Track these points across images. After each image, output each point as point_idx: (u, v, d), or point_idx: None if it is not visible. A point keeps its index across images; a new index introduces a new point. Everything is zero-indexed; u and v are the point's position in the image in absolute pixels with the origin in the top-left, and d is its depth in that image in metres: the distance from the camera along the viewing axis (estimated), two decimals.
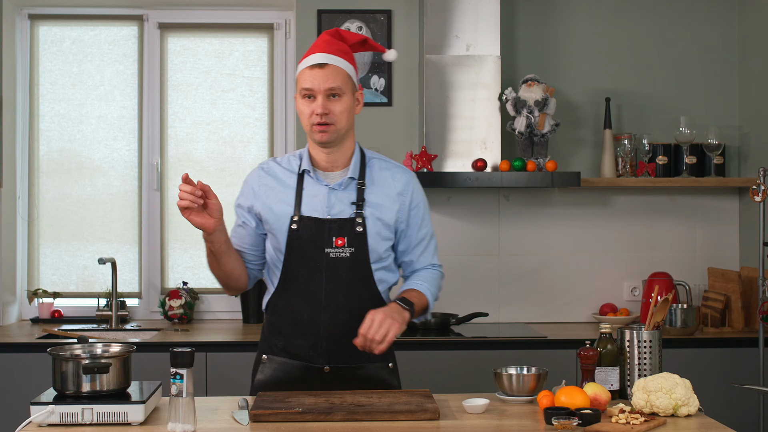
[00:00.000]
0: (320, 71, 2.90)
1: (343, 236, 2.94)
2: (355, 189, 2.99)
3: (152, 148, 5.12)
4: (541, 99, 4.67)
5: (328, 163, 3.00)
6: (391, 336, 2.81)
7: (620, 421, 2.56)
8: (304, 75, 2.93)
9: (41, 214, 5.11)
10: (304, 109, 2.93)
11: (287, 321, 2.99)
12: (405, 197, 3.04)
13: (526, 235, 5.00)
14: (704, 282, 4.98)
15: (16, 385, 4.23)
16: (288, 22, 5.12)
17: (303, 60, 2.96)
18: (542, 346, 4.39)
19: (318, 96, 2.90)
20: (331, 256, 2.94)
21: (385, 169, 3.06)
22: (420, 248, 3.12)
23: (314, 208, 2.96)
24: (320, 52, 2.93)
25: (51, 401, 2.55)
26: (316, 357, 2.97)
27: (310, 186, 2.99)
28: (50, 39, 5.13)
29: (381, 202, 3.00)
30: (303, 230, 2.94)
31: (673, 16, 5.05)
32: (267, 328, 3.09)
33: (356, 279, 2.96)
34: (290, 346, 3.00)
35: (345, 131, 2.96)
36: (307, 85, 2.91)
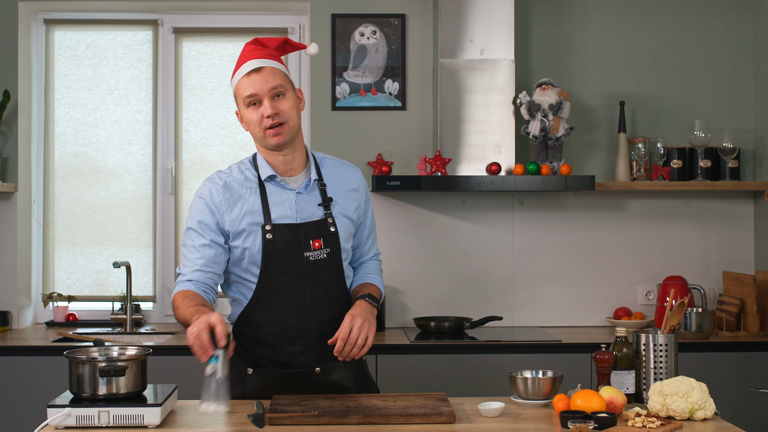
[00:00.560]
0: (258, 75, 2.90)
1: (319, 238, 2.95)
2: (318, 190, 3.01)
3: (167, 152, 5.13)
4: (555, 103, 4.67)
5: (286, 166, 2.99)
6: (371, 340, 2.84)
7: (636, 424, 2.55)
8: (243, 84, 2.91)
9: (56, 217, 5.13)
10: (253, 117, 2.91)
11: (272, 331, 2.96)
12: (360, 193, 3.10)
13: (540, 238, 4.99)
14: (719, 286, 4.97)
15: (32, 388, 4.24)
16: (302, 27, 5.13)
17: (235, 73, 2.96)
18: (557, 349, 4.38)
19: (263, 98, 2.89)
20: (311, 259, 2.94)
21: (338, 167, 3.09)
22: (370, 240, 3.18)
23: (284, 215, 2.94)
24: (252, 59, 2.93)
25: (67, 404, 2.56)
26: (307, 361, 2.98)
27: (275, 193, 2.97)
28: (65, 44, 5.15)
29: (344, 200, 3.04)
30: (279, 238, 2.92)
31: (687, 19, 5.05)
32: (245, 342, 3.01)
33: (333, 278, 2.99)
34: (279, 355, 2.98)
35: (297, 129, 2.96)
36: (249, 92, 2.89)
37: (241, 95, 2.92)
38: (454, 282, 4.95)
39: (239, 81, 2.93)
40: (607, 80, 5.02)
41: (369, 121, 4.96)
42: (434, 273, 4.94)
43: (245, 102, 2.92)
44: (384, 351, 4.30)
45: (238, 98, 2.95)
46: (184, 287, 2.89)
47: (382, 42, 4.97)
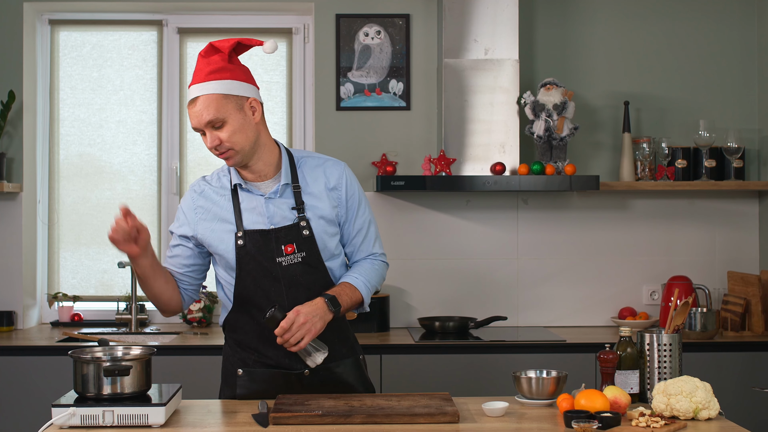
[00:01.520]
0: (194, 108, 2.87)
1: (291, 242, 2.93)
2: (291, 194, 2.97)
3: (171, 153, 5.14)
4: (559, 103, 4.67)
5: (253, 175, 2.98)
6: (305, 342, 2.80)
7: (640, 424, 2.55)
8: (190, 113, 2.89)
9: (61, 218, 5.14)
10: (205, 143, 2.91)
11: (254, 335, 2.98)
12: (340, 191, 3.03)
13: (544, 238, 4.99)
14: (724, 286, 4.96)
15: (37, 388, 4.25)
16: (307, 27, 5.13)
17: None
18: (561, 349, 4.38)
19: (208, 131, 2.87)
20: (284, 264, 2.93)
21: (316, 166, 3.04)
22: (359, 238, 3.09)
23: (255, 221, 2.95)
24: (192, 84, 2.90)
25: (72, 403, 2.57)
26: (293, 363, 2.97)
27: (246, 199, 2.97)
28: (70, 44, 5.16)
29: (319, 201, 2.99)
30: (250, 244, 2.92)
31: (691, 19, 5.04)
32: (233, 344, 3.05)
33: (314, 280, 2.96)
34: (264, 357, 2.99)
35: (250, 147, 2.92)
36: (194, 125, 2.89)
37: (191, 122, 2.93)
38: (458, 282, 4.95)
39: (189, 109, 2.90)
40: (612, 80, 5.02)
41: (373, 121, 4.96)
42: (439, 273, 4.94)
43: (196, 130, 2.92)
44: (388, 351, 4.30)
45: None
46: None
47: (387, 42, 4.97)
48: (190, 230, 3.01)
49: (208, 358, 4.29)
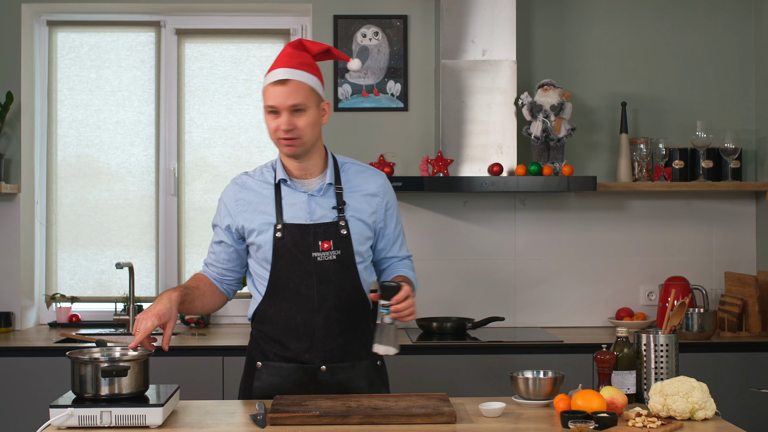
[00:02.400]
0: (282, 88, 2.94)
1: (329, 239, 3.01)
2: (333, 194, 3.06)
3: (169, 154, 5.14)
4: (557, 103, 4.68)
5: (301, 172, 3.06)
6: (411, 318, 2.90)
7: (637, 424, 2.56)
8: (268, 92, 2.96)
9: (59, 219, 5.14)
10: (270, 124, 2.98)
11: (280, 327, 3.04)
12: (381, 198, 3.13)
13: (542, 239, 5.00)
14: (721, 286, 4.97)
15: (35, 389, 4.26)
16: (304, 28, 5.14)
17: (267, 75, 2.99)
18: (558, 350, 4.38)
19: (282, 112, 2.95)
20: (318, 259, 3.00)
21: (359, 172, 3.14)
22: (397, 244, 3.21)
23: (296, 215, 3.02)
24: (282, 67, 2.97)
25: (70, 404, 2.57)
26: (313, 358, 3.01)
27: (289, 195, 3.05)
28: (68, 45, 5.16)
29: (360, 205, 3.08)
30: (288, 237, 3.00)
31: (688, 20, 5.05)
32: (257, 336, 3.12)
33: (344, 279, 3.03)
34: (285, 350, 3.03)
35: (312, 143, 3.01)
36: (270, 102, 2.95)
37: (264, 101, 2.99)
38: (456, 282, 4.96)
39: (268, 87, 2.97)
40: (609, 81, 5.03)
41: (371, 122, 4.97)
42: (436, 274, 4.95)
43: (266, 110, 2.98)
44: None
45: (264, 101, 3.00)
46: (201, 270, 3.20)
47: (384, 43, 4.98)
48: (232, 221, 3.07)
49: (206, 358, 4.29)
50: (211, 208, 5.13)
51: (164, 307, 2.84)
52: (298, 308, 3.00)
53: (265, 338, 3.08)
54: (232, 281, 3.19)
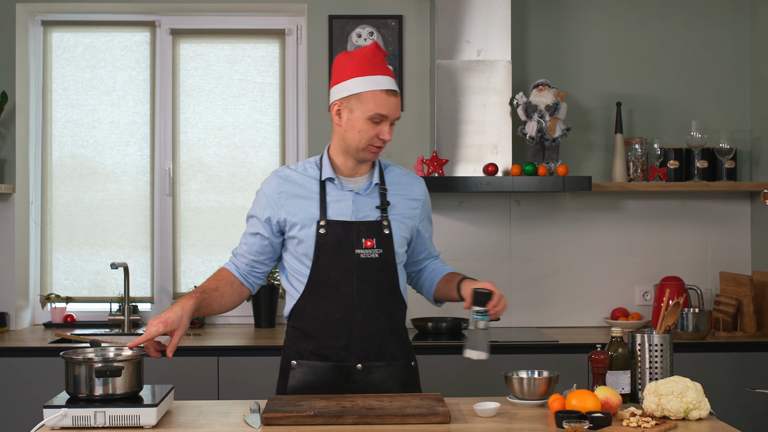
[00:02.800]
0: (394, 99, 2.98)
1: (372, 238, 3.02)
2: (378, 194, 3.08)
3: (164, 154, 5.14)
4: (552, 103, 4.68)
5: (352, 171, 3.08)
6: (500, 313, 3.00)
7: (631, 424, 2.56)
8: (380, 98, 2.95)
9: (54, 219, 5.14)
10: (369, 131, 2.96)
11: (318, 324, 3.02)
12: (422, 203, 3.18)
13: (537, 239, 5.00)
14: (716, 286, 4.97)
15: (29, 389, 4.25)
16: (299, 28, 5.14)
17: (368, 77, 2.96)
18: (553, 350, 4.38)
19: (386, 122, 2.97)
20: (361, 256, 3.00)
21: (402, 175, 3.18)
22: (430, 242, 3.28)
23: (340, 213, 3.03)
24: (388, 77, 2.99)
25: (64, 404, 2.57)
26: (349, 356, 3.01)
27: (334, 192, 3.05)
28: (63, 45, 5.16)
29: (402, 208, 3.11)
30: (331, 234, 3.00)
31: (683, 21, 5.05)
32: (294, 333, 3.11)
33: (384, 278, 3.04)
34: (322, 348, 3.02)
35: None
36: (384, 112, 2.95)
37: (370, 107, 2.95)
38: None
39: (377, 93, 2.95)
40: (604, 81, 5.03)
41: None
42: None
43: (371, 116, 2.95)
44: None
45: (363, 104, 2.96)
46: (226, 265, 3.16)
47: (380, 43, 4.97)
48: (273, 213, 3.05)
49: (201, 359, 4.29)
50: (206, 209, 5.13)
51: (174, 316, 2.83)
52: (338, 305, 3.00)
53: (301, 336, 3.06)
54: (260, 274, 3.17)
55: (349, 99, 2.97)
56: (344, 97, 2.98)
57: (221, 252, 5.13)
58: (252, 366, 4.29)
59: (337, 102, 3.00)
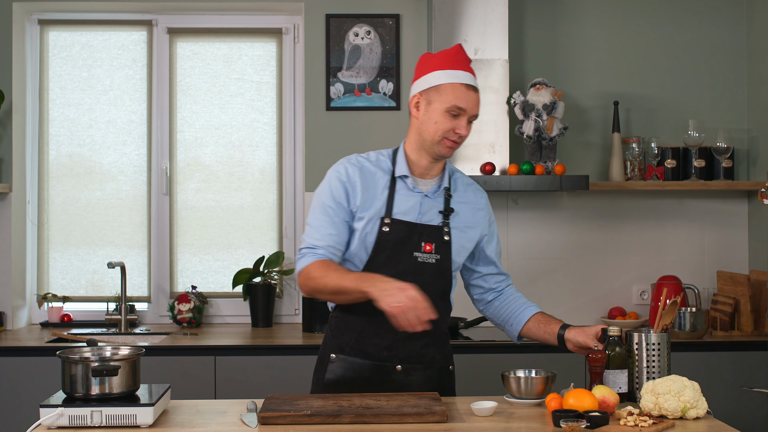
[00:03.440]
0: (474, 95, 2.94)
1: (432, 242, 2.98)
2: (443, 198, 3.04)
3: (161, 153, 5.13)
4: (549, 103, 4.68)
5: (425, 171, 3.03)
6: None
7: (629, 423, 2.56)
8: (460, 92, 2.92)
9: (51, 218, 5.13)
10: (445, 123, 2.92)
11: (364, 319, 2.97)
12: (487, 213, 3.15)
13: (534, 238, 4.99)
14: (713, 285, 4.97)
15: (26, 389, 4.24)
16: (296, 27, 5.13)
17: (449, 70, 2.94)
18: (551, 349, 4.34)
19: (463, 117, 2.93)
20: (418, 260, 2.98)
21: (468, 184, 3.14)
22: (499, 258, 3.22)
23: (405, 212, 2.98)
24: (469, 73, 2.96)
25: (60, 404, 2.56)
26: (390, 356, 2.99)
27: (403, 190, 3.00)
28: (60, 44, 5.15)
29: (466, 216, 3.07)
30: (393, 233, 2.95)
31: (681, 20, 5.05)
32: (336, 325, 3.05)
33: (437, 284, 3.01)
34: (364, 344, 2.99)
35: None
36: (462, 104, 2.91)
37: (448, 98, 2.91)
38: None
39: (456, 85, 2.92)
40: (601, 80, 5.03)
41: (363, 122, 4.96)
42: None
43: (449, 108, 2.91)
44: None
45: (441, 96, 2.93)
46: (319, 257, 2.93)
47: (377, 42, 4.97)
48: (351, 201, 2.98)
49: (198, 358, 4.29)
50: (203, 208, 5.13)
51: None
52: None
53: (344, 328, 3.01)
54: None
55: (428, 91, 2.95)
56: (423, 90, 2.96)
57: (218, 251, 5.13)
58: (249, 365, 4.28)
59: (416, 94, 2.98)
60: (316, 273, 2.89)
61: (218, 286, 5.11)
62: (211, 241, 5.14)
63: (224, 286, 5.11)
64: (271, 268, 4.93)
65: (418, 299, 2.68)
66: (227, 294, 5.09)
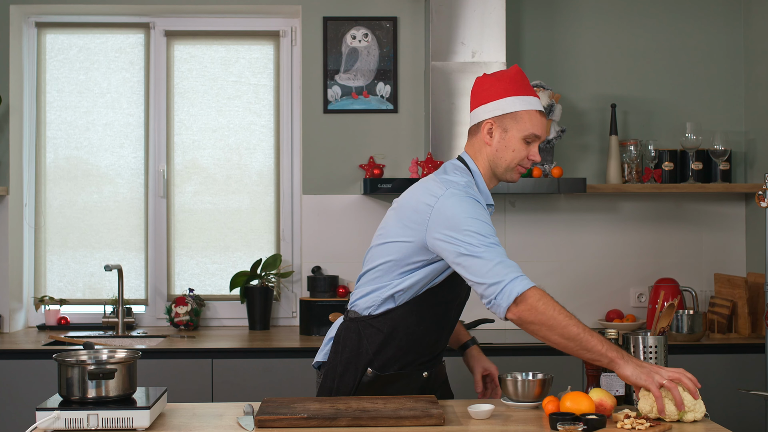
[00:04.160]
0: (545, 120, 2.94)
1: None
2: None
3: (158, 156, 5.13)
4: (546, 105, 4.68)
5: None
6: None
7: (626, 426, 2.56)
8: (536, 119, 2.90)
9: (48, 221, 5.12)
10: (521, 150, 2.90)
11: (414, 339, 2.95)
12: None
13: (532, 241, 4.99)
14: (711, 288, 4.97)
15: (23, 392, 4.24)
16: (294, 30, 5.13)
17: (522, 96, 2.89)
18: (548, 352, 4.37)
19: (537, 143, 2.92)
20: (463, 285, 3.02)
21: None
22: None
23: None
24: (537, 98, 2.94)
25: (56, 407, 2.56)
26: (420, 368, 3.02)
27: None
28: (57, 47, 5.15)
29: None
30: None
31: (678, 22, 5.06)
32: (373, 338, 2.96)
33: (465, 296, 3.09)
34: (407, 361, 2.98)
35: None
36: (538, 131, 2.90)
37: (526, 126, 2.88)
38: None
39: (532, 113, 2.89)
40: (599, 83, 5.03)
41: (361, 124, 4.96)
42: None
43: (527, 136, 2.89)
44: None
45: (518, 123, 2.88)
46: (533, 284, 2.91)
47: (374, 45, 4.97)
48: None
49: (195, 361, 4.28)
50: (201, 211, 5.12)
51: None
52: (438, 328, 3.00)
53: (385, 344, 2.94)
54: None
55: (503, 118, 2.90)
56: (497, 116, 2.90)
57: (216, 254, 5.12)
58: (246, 368, 4.28)
59: (490, 120, 2.91)
60: (562, 318, 2.80)
61: (215, 289, 5.11)
62: (208, 244, 5.14)
63: (221, 289, 5.11)
64: (268, 270, 4.93)
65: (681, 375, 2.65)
66: (224, 297, 5.09)
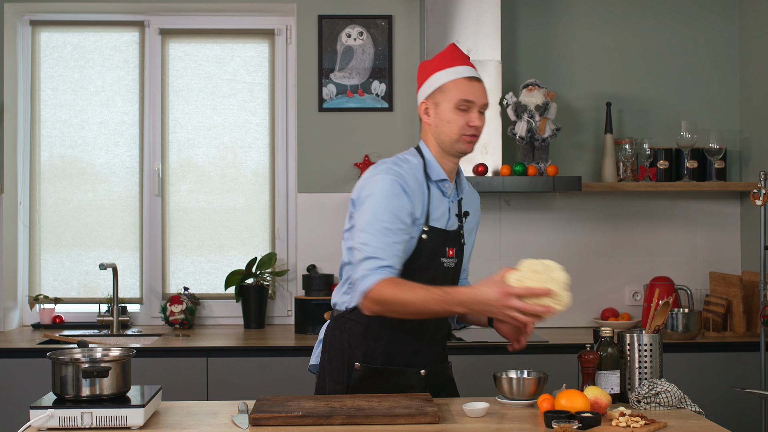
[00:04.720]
0: (478, 85, 2.92)
1: (453, 247, 2.99)
2: (457, 202, 3.05)
3: (153, 154, 5.12)
4: (541, 104, 4.68)
5: (449, 173, 3.00)
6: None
7: (620, 424, 2.56)
8: (463, 86, 2.90)
9: (42, 219, 5.11)
10: (457, 119, 2.90)
11: (393, 325, 2.92)
12: (478, 217, 3.19)
13: (527, 239, 4.99)
14: (706, 286, 4.97)
15: (17, 390, 4.23)
16: (289, 28, 5.13)
17: (446, 69, 2.92)
18: (543, 350, 4.38)
19: (473, 109, 2.90)
20: (444, 265, 2.97)
21: (469, 186, 3.14)
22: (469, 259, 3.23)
23: (438, 219, 2.96)
24: (468, 66, 2.94)
25: (50, 405, 2.55)
26: (416, 362, 2.99)
27: (436, 196, 2.96)
28: (51, 45, 5.14)
29: (471, 217, 3.11)
30: (430, 241, 2.92)
31: (673, 21, 5.06)
32: (355, 331, 2.96)
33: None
34: (391, 351, 2.96)
35: None
36: (468, 97, 2.89)
37: (453, 95, 2.89)
38: None
39: (458, 81, 2.90)
40: (594, 81, 5.03)
41: (356, 123, 4.96)
42: None
43: (457, 103, 2.89)
44: None
45: (446, 94, 2.90)
46: (390, 274, 2.78)
47: (369, 43, 4.97)
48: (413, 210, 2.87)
49: (190, 359, 4.28)
50: (195, 209, 5.11)
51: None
52: None
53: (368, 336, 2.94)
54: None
55: (433, 95, 2.93)
56: (428, 95, 2.94)
57: (211, 252, 5.12)
58: (241, 367, 4.27)
59: (423, 101, 2.96)
60: (399, 295, 2.74)
61: (210, 288, 5.10)
62: (203, 243, 5.13)
63: (216, 288, 5.11)
64: (263, 269, 4.92)
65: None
66: (219, 295, 5.08)
